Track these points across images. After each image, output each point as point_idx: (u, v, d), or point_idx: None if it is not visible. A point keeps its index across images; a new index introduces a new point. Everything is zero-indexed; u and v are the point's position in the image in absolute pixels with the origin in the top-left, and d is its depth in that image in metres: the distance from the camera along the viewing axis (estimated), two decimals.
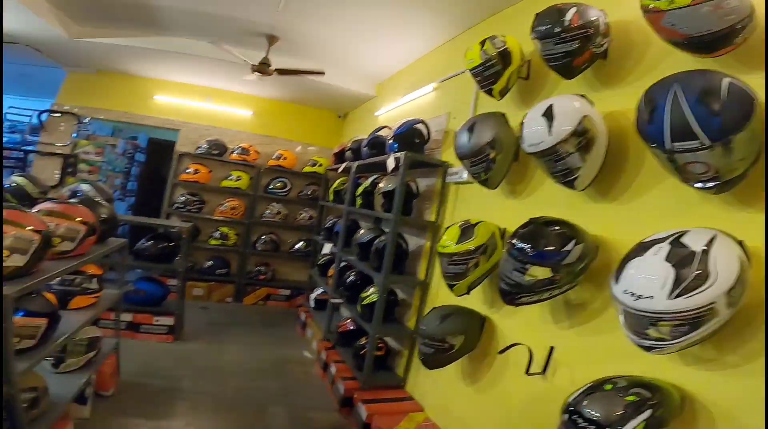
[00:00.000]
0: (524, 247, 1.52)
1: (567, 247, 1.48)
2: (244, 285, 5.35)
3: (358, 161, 3.70)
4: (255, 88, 5.32)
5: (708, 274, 1.00)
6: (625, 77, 1.71)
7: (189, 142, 5.42)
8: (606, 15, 1.66)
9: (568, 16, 1.57)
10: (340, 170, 4.09)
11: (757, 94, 1.05)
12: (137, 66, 4.87)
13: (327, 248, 4.05)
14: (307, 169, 5.57)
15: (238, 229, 5.47)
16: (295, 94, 5.37)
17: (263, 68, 3.76)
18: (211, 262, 5.22)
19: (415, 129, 2.95)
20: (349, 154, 4.01)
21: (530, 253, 1.51)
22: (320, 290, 4.52)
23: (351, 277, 3.49)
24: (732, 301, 1.01)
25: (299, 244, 5.65)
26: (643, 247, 1.14)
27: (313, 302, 4.48)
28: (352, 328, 3.50)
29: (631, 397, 1.14)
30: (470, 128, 2.04)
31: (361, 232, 3.37)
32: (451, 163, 2.82)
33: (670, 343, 1.07)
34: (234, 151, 5.34)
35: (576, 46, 1.59)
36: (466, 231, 2.05)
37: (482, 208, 2.44)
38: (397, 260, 2.86)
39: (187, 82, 5.40)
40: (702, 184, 1.14)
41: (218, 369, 3.34)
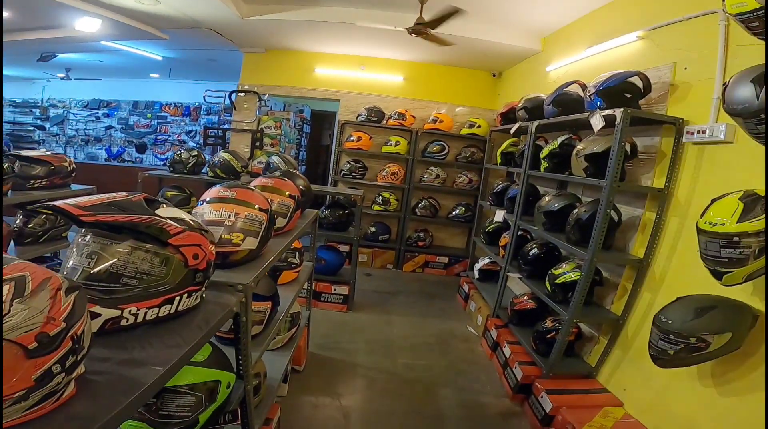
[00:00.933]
0: None
1: None
2: (404, 251, 5.41)
3: (538, 121, 3.19)
4: (404, 53, 5.23)
5: None
6: None
7: (349, 111, 5.58)
8: None
9: None
10: (513, 131, 3.61)
11: None
12: (298, 41, 5.09)
13: (499, 215, 3.69)
14: (465, 131, 5.25)
15: (398, 194, 5.50)
16: (446, 55, 5.05)
17: (420, 29, 3.50)
18: (374, 228, 5.39)
19: (627, 83, 2.38)
20: (522, 113, 3.52)
21: None
22: (486, 260, 4.23)
23: (533, 250, 3.08)
24: None
25: (458, 209, 5.42)
26: None
27: (477, 273, 4.24)
28: (532, 307, 3.16)
29: None
30: (757, 80, 1.43)
31: (548, 199, 2.92)
32: (688, 119, 2.23)
33: None
34: (391, 117, 5.28)
35: None
36: (752, 205, 1.46)
37: (744, 176, 1.82)
38: (605, 234, 2.37)
39: (342, 53, 5.50)
40: None
41: (387, 343, 3.40)
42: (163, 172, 3.89)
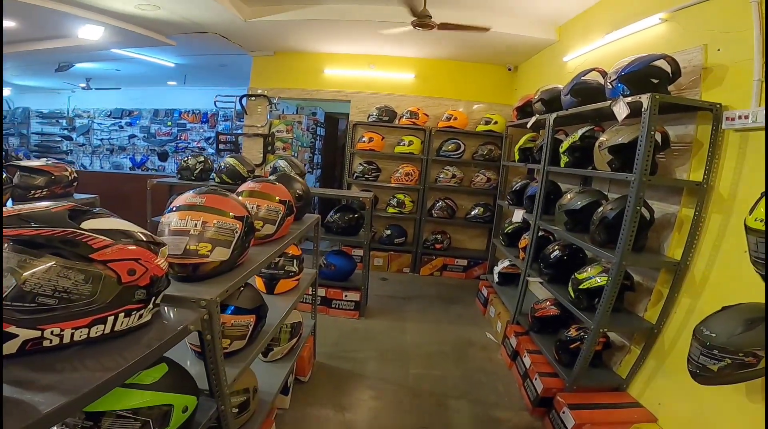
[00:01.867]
0: None
1: None
2: (421, 255, 5.23)
3: (556, 113, 2.97)
4: (414, 50, 5.08)
5: None
6: None
7: (360, 112, 5.45)
8: None
9: None
10: (529, 125, 3.39)
11: None
12: (305, 42, 5.01)
13: (518, 215, 3.47)
14: (481, 127, 5.03)
15: (413, 195, 5.32)
16: (458, 50, 4.89)
17: (424, 22, 3.34)
18: (389, 231, 5.23)
19: (653, 67, 2.16)
20: (538, 105, 3.30)
21: None
22: (506, 262, 4.00)
23: (555, 252, 2.85)
24: None
25: (476, 209, 5.19)
26: None
27: (497, 276, 4.01)
28: (555, 313, 2.93)
29: None
30: None
31: (569, 196, 2.68)
32: (727, 104, 1.99)
33: None
34: (403, 116, 5.13)
35: None
36: None
37: None
38: (636, 234, 2.13)
39: (351, 52, 5.38)
40: None
41: (400, 351, 3.24)
42: (172, 180, 3.87)
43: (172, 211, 1.22)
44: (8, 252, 0.73)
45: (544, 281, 2.90)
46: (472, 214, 5.20)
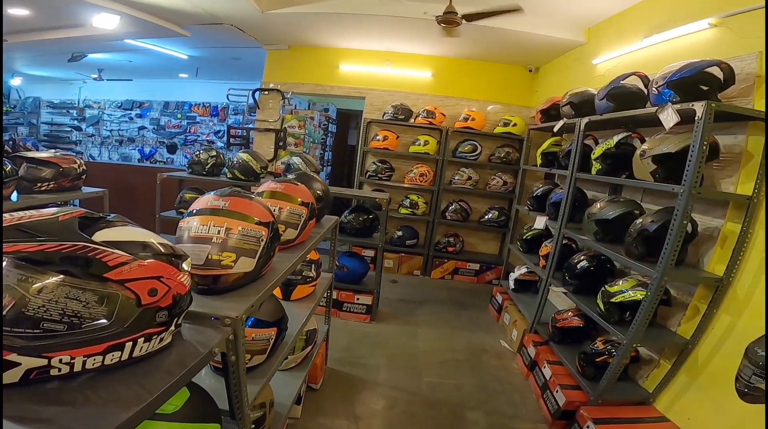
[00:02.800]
0: None
1: None
2: (432, 257, 5.10)
3: (588, 117, 2.84)
4: (433, 48, 4.93)
5: None
6: None
7: (374, 109, 5.33)
8: None
9: None
10: (556, 129, 3.25)
11: None
12: (321, 36, 4.88)
13: (540, 222, 3.34)
14: (499, 129, 4.88)
15: (426, 196, 5.19)
16: (478, 49, 4.73)
17: (449, 18, 3.22)
18: (401, 232, 5.11)
19: (704, 73, 2.02)
20: (567, 109, 3.16)
21: None
22: (524, 269, 3.88)
23: (582, 262, 2.72)
24: None
25: (490, 213, 5.05)
26: None
27: (513, 283, 3.89)
28: (579, 325, 2.81)
29: None
30: None
31: (600, 205, 2.55)
32: None
33: None
34: (419, 115, 4.99)
35: None
36: None
37: None
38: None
39: (367, 48, 5.25)
40: None
41: (412, 358, 3.13)
42: (182, 174, 3.76)
43: (192, 214, 1.10)
44: (8, 268, 0.62)
45: (568, 292, 2.77)
46: (487, 217, 5.07)
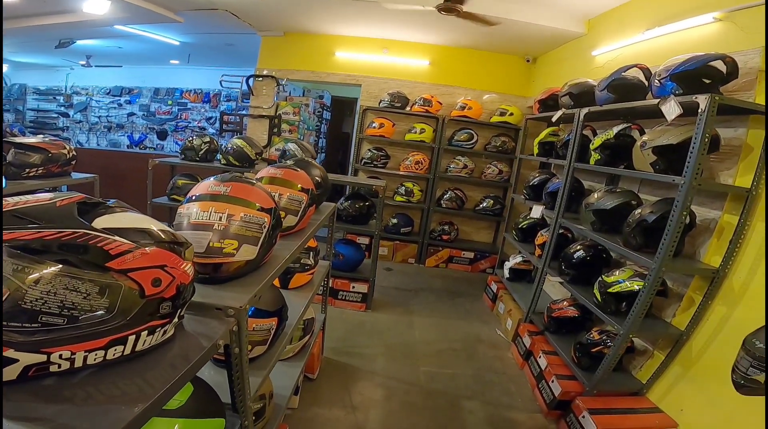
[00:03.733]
0: None
1: None
2: (427, 245, 5.11)
3: (587, 108, 2.82)
4: (431, 36, 4.86)
5: None
6: None
7: (371, 97, 5.27)
8: None
9: None
10: (555, 119, 3.23)
11: None
12: (317, 23, 4.79)
13: (536, 211, 3.34)
14: (496, 118, 4.86)
15: (422, 184, 5.18)
16: (476, 38, 4.66)
17: (450, 6, 3.19)
18: (395, 220, 5.09)
19: (708, 67, 2.03)
20: (565, 99, 3.14)
21: None
22: (519, 258, 3.89)
23: (578, 252, 2.73)
24: None
25: (485, 202, 5.06)
26: None
27: (508, 272, 3.91)
28: (574, 314, 2.84)
29: None
30: None
31: (597, 195, 2.55)
32: None
33: None
34: (416, 103, 4.94)
35: None
36: None
37: None
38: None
39: (364, 36, 5.16)
40: None
41: (409, 347, 3.15)
42: (175, 160, 3.69)
43: (192, 200, 1.07)
44: (3, 257, 0.58)
45: (564, 281, 2.79)
46: (482, 206, 5.07)
